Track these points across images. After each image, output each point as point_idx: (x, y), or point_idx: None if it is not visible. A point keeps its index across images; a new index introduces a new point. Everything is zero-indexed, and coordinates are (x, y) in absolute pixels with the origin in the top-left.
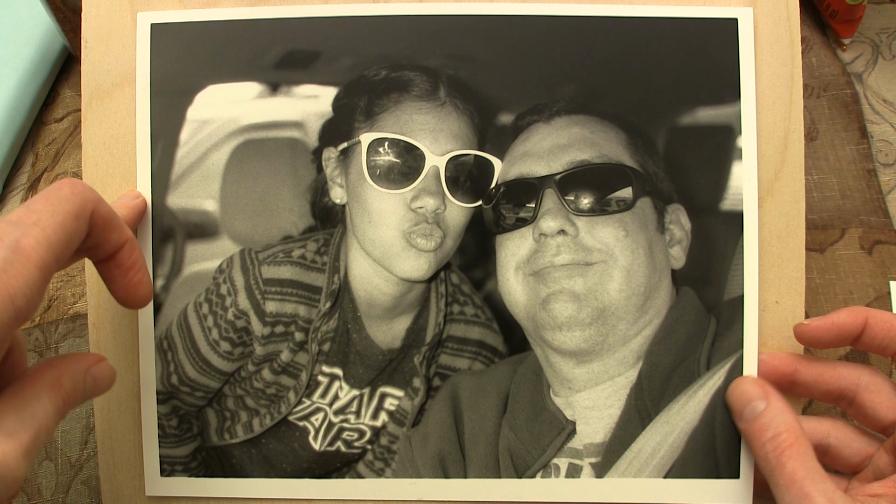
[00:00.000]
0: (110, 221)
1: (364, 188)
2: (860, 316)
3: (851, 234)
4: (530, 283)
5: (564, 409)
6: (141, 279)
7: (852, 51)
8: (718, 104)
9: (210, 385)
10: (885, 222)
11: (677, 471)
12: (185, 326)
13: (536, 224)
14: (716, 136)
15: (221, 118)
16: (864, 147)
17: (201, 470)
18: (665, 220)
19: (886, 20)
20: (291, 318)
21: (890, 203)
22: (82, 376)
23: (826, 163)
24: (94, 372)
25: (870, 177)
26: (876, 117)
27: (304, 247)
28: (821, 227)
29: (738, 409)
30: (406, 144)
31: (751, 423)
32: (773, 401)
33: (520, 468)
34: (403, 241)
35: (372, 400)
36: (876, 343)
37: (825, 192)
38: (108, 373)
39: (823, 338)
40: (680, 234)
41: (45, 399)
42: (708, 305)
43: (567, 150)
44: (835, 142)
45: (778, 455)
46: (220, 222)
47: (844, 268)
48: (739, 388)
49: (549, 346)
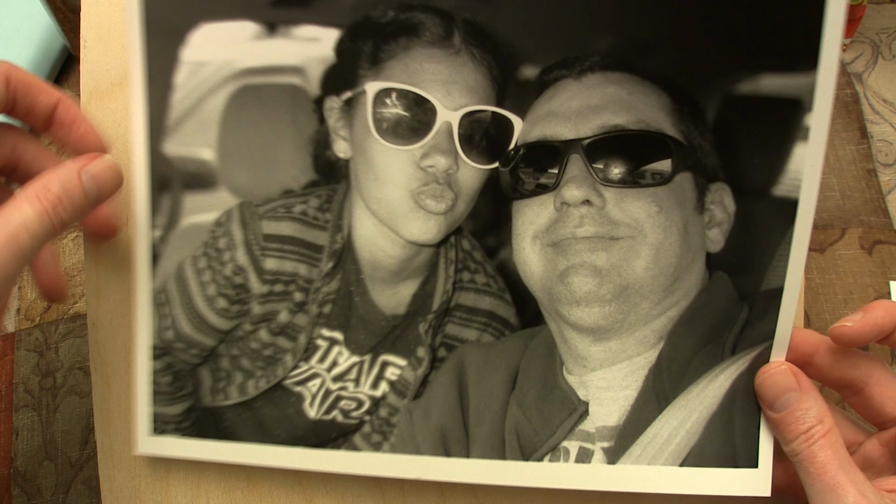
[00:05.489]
0: (32, 84)
1: (370, 143)
2: (895, 314)
3: (851, 234)
4: (548, 253)
5: (577, 388)
6: (87, 130)
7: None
8: (789, 72)
9: (205, 343)
10: (885, 222)
11: (693, 459)
12: (181, 280)
13: (559, 192)
14: (780, 109)
15: (217, 60)
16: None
17: (193, 430)
18: (706, 200)
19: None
20: (291, 276)
21: (890, 203)
22: (75, 178)
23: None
24: (90, 170)
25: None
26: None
27: (305, 202)
28: (821, 227)
29: (770, 398)
30: (416, 97)
31: (784, 414)
32: (807, 391)
33: (527, 450)
34: (411, 202)
35: (373, 368)
36: None
37: (825, 192)
38: (108, 167)
39: (865, 338)
40: (721, 216)
41: (26, 206)
42: (742, 293)
43: (599, 111)
44: (835, 142)
45: (809, 445)
46: (219, 173)
47: (844, 268)
48: (772, 378)
49: (564, 321)
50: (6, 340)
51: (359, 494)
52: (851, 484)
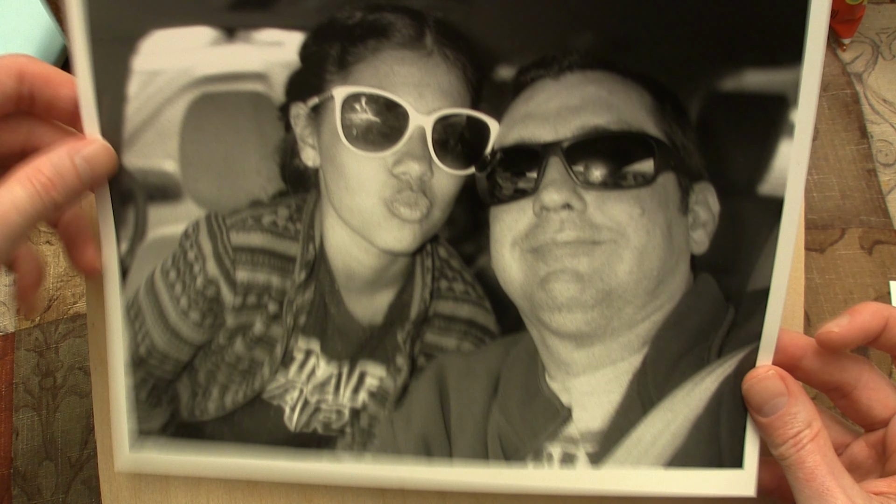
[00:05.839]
0: (51, 77)
1: (339, 150)
2: (882, 316)
3: (851, 234)
4: (528, 260)
5: (560, 393)
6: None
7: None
8: (773, 67)
9: (179, 357)
10: (885, 222)
11: (679, 460)
12: (152, 294)
13: (538, 196)
14: (764, 106)
15: (172, 69)
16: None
17: (172, 446)
18: (690, 200)
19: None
20: (264, 287)
21: (890, 203)
22: (68, 161)
23: (826, 163)
24: (83, 153)
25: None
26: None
27: (274, 213)
28: (821, 227)
29: (758, 403)
30: (387, 101)
31: (772, 419)
32: (796, 395)
33: (510, 455)
34: (385, 210)
35: (351, 377)
36: (893, 343)
37: (825, 192)
38: (101, 151)
39: (851, 342)
40: (706, 216)
41: (17, 187)
42: (728, 294)
43: (578, 112)
44: (835, 142)
45: (798, 450)
46: (183, 184)
47: (844, 268)
48: (760, 384)
49: (546, 327)
50: (6, 340)
51: (359, 495)
52: (840, 489)
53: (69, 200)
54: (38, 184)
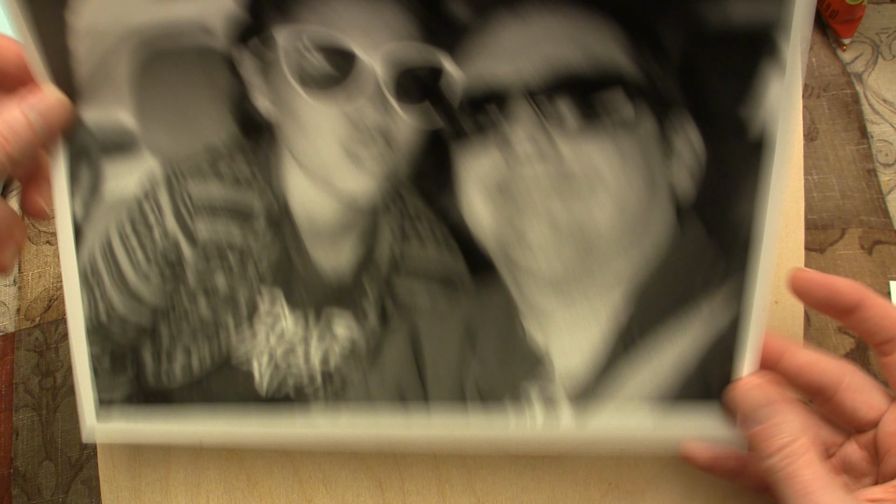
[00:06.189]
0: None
1: (291, 97)
2: (858, 292)
3: (851, 234)
4: (498, 203)
5: (537, 336)
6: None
7: (852, 51)
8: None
9: (141, 322)
10: (885, 222)
11: (665, 405)
12: (109, 254)
13: (505, 137)
14: (749, 38)
15: (108, 20)
16: (864, 147)
17: (140, 414)
18: (672, 142)
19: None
20: (225, 239)
21: (890, 203)
22: (19, 115)
23: (826, 163)
24: (35, 105)
25: (870, 177)
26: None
27: (231, 161)
28: (821, 227)
29: (745, 415)
30: (332, 41)
31: (759, 430)
32: (781, 406)
33: (489, 403)
34: (343, 153)
35: (318, 326)
36: (866, 326)
37: (825, 192)
38: (52, 100)
39: (813, 293)
40: (689, 158)
41: None
42: (716, 243)
43: (542, 49)
44: (835, 142)
45: (787, 465)
46: (139, 136)
47: (844, 268)
48: (747, 394)
49: (520, 271)
50: (6, 340)
51: (358, 494)
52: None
53: (25, 155)
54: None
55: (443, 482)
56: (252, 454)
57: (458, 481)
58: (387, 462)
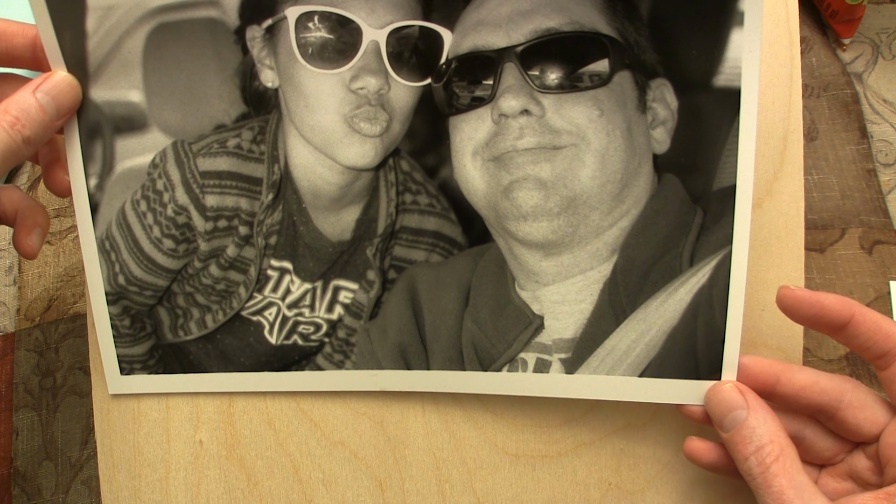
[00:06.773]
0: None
1: (296, 69)
2: (848, 308)
3: (851, 234)
4: (490, 169)
5: (531, 303)
6: None
7: (852, 51)
8: None
9: (158, 283)
10: (885, 222)
11: (654, 370)
12: (125, 226)
13: (495, 103)
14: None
15: (125, 2)
16: (864, 147)
17: (160, 367)
18: (647, 98)
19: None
20: (233, 211)
21: (890, 203)
22: (30, 97)
23: (826, 163)
24: (44, 87)
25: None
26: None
27: (238, 136)
28: (821, 227)
29: (718, 418)
30: (339, 17)
31: (732, 434)
32: (756, 408)
33: (485, 362)
34: (345, 126)
35: (325, 293)
36: (859, 341)
37: (825, 192)
38: (61, 82)
39: (801, 311)
40: (664, 113)
41: None
42: (694, 195)
43: (530, 16)
44: (835, 142)
45: (763, 471)
46: (148, 113)
47: (844, 268)
48: (718, 396)
49: (513, 237)
50: (6, 340)
51: (358, 494)
52: None
53: (39, 135)
54: (5, 123)
55: (443, 482)
56: (252, 454)
57: (458, 481)
58: (387, 462)
